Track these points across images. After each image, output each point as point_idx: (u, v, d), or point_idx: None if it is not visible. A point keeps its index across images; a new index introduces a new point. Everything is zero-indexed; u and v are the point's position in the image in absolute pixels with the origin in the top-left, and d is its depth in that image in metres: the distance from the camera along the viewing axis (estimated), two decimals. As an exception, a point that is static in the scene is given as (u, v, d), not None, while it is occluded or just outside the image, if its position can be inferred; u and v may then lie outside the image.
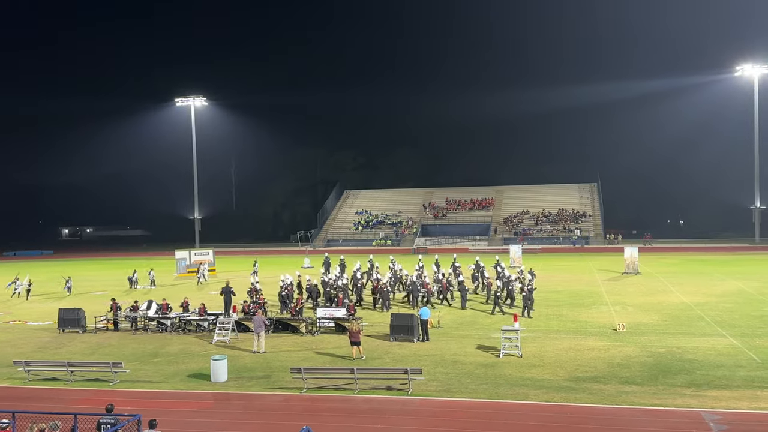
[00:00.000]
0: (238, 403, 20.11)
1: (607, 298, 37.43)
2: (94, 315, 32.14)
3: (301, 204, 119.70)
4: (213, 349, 26.60)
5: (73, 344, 28.71)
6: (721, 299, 36.38)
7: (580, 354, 24.48)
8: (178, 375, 23.07)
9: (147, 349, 27.17)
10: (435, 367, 23.01)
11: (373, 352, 25.44)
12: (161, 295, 37.52)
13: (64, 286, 45.47)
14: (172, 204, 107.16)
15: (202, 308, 31.08)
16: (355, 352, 24.64)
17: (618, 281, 45.46)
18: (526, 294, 32.41)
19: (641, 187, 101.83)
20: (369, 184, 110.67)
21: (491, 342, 26.48)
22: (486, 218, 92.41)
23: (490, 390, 20.34)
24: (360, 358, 24.36)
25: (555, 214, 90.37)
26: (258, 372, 23.13)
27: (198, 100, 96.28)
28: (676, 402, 18.73)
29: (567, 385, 20.58)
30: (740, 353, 24.01)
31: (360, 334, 25.01)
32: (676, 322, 30.31)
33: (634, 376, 21.48)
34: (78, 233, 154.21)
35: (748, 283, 42.82)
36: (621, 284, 43.68)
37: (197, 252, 58.99)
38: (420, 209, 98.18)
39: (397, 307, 34.54)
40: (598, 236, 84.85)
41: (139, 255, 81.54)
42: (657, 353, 24.27)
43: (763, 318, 30.69)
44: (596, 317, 31.73)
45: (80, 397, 20.83)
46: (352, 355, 24.62)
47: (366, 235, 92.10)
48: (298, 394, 20.47)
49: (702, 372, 21.67)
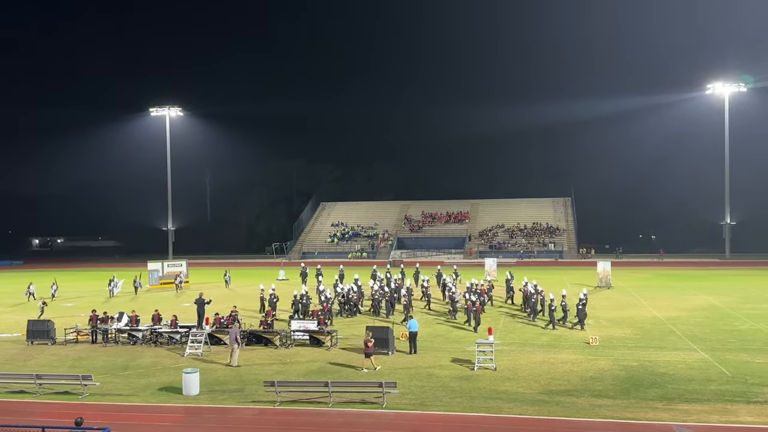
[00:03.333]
0: (210, 417, 19.86)
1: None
2: (64, 327, 31.63)
3: (277, 216, 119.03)
4: (185, 362, 26.28)
5: (42, 356, 28.19)
6: (692, 314, 36.83)
7: (554, 367, 24.60)
8: (149, 388, 22.74)
9: (117, 362, 26.76)
10: (410, 380, 22.97)
11: (347, 366, 25.31)
12: (140, 305, 37.10)
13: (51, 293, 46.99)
14: (145, 215, 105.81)
15: (174, 320, 30.71)
16: (367, 364, 24.59)
17: (591, 295, 45.76)
18: (580, 308, 32.64)
19: (614, 203, 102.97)
20: (345, 197, 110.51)
21: (466, 355, 26.51)
22: (462, 231, 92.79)
23: (465, 403, 20.33)
24: (373, 370, 24.34)
25: (530, 228, 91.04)
26: (231, 385, 22.89)
27: (173, 110, 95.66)
28: (647, 415, 18.88)
29: (541, 399, 20.65)
30: (711, 367, 24.30)
31: (370, 347, 24.86)
32: (648, 336, 30.61)
33: (606, 389, 21.62)
34: (48, 244, 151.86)
35: (719, 297, 43.42)
36: (594, 298, 43.99)
37: (170, 263, 58.37)
38: (396, 222, 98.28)
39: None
40: (571, 250, 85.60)
41: (110, 266, 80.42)
42: (629, 367, 24.47)
43: (733, 332, 31.12)
44: (569, 331, 31.92)
45: (49, 410, 20.44)
46: (362, 367, 24.54)
47: (342, 248, 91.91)
48: (272, 408, 20.28)
49: (673, 386, 21.89)
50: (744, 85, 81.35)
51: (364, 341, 24.99)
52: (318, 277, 47.14)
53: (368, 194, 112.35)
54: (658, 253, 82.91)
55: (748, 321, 34.12)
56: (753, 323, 33.42)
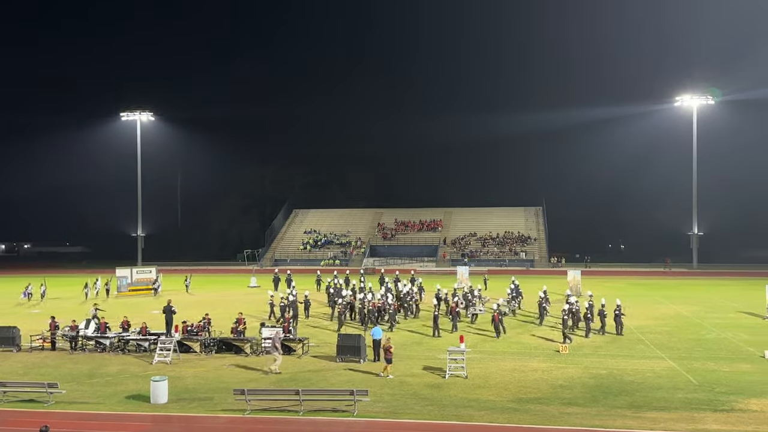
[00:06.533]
0: (179, 426, 19.60)
1: (551, 320, 37.91)
2: (30, 333, 31.02)
3: (249, 222, 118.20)
4: (153, 370, 25.93)
5: (7, 363, 27.60)
6: (660, 322, 37.31)
7: (524, 375, 24.73)
8: (116, 396, 22.39)
9: (84, 370, 26.32)
10: (381, 388, 22.92)
11: (318, 373, 25.19)
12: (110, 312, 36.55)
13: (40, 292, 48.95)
14: (114, 220, 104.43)
15: (144, 328, 30.29)
16: (384, 370, 24.63)
17: (561, 303, 46.05)
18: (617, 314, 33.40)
19: (584, 212, 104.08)
20: (318, 204, 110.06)
21: (437, 363, 26.54)
22: (434, 239, 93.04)
23: (436, 411, 20.34)
24: (387, 377, 24.36)
25: (501, 236, 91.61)
26: (200, 393, 22.63)
27: (144, 115, 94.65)
28: (616, 423, 19.05)
29: (511, 407, 20.74)
30: (678, 375, 24.63)
31: (391, 353, 24.86)
32: (617, 344, 30.94)
33: (576, 397, 21.79)
34: (15, 249, 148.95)
35: (687, 307, 44.06)
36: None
37: (139, 270, 57.64)
38: (369, 229, 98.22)
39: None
40: (542, 259, 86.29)
41: (78, 272, 79.10)
42: (598, 375, 24.70)
43: (700, 341, 31.59)
44: (540, 339, 32.13)
45: (13, 418, 20.03)
46: (382, 372, 24.65)
47: (314, 255, 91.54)
48: (241, 416, 20.09)
49: (641, 394, 22.13)
50: (712, 97, 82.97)
51: (384, 347, 25.08)
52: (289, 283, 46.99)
53: (341, 201, 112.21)
54: (664, 263, 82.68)
55: (715, 330, 34.67)
56: (720, 332, 33.96)
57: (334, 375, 25.03)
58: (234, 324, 30.25)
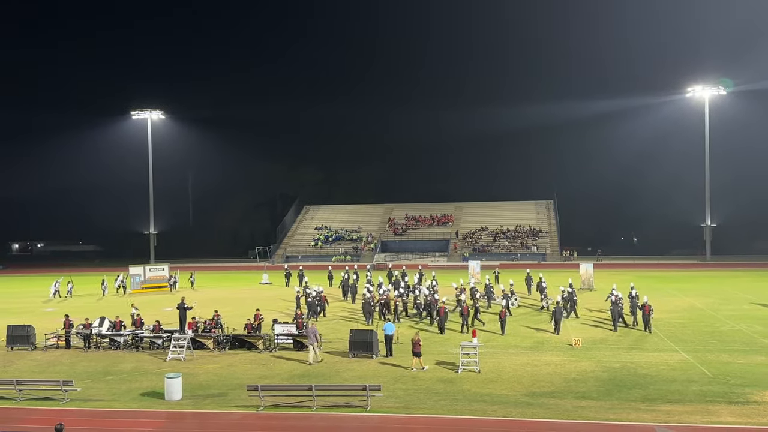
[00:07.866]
0: (193, 422, 19.72)
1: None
2: (44, 332, 31.26)
3: (260, 219, 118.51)
4: (167, 367, 26.07)
5: (22, 362, 27.85)
6: (673, 315, 37.15)
7: (537, 369, 24.68)
8: (130, 393, 22.53)
9: (99, 367, 26.49)
10: (394, 383, 22.94)
11: (331, 369, 25.26)
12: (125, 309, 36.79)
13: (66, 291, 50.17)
14: (126, 219, 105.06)
15: (157, 325, 30.46)
16: (416, 363, 24.75)
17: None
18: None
19: (596, 205, 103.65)
20: (329, 200, 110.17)
21: (450, 358, 26.53)
22: (445, 234, 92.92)
23: (449, 406, 20.34)
24: (422, 369, 24.49)
25: (512, 230, 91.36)
26: (214, 390, 22.74)
27: (155, 113, 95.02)
28: (630, 416, 18.99)
29: (524, 401, 20.71)
30: (692, 368, 24.50)
31: (420, 345, 25.00)
32: (630, 337, 30.82)
33: (589, 391, 21.73)
34: (29, 248, 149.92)
35: (700, 299, 43.83)
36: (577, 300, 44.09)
37: (152, 268, 57.92)
38: (380, 225, 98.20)
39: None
40: (554, 252, 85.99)
41: (92, 270, 79.63)
42: (612, 368, 24.62)
43: (713, 333, 31.42)
44: (553, 333, 32.02)
45: (29, 416, 20.20)
46: (411, 366, 24.77)
47: (325, 251, 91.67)
48: (255, 413, 20.17)
49: (655, 387, 22.04)
50: (724, 88, 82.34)
51: (413, 341, 25.16)
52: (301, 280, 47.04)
53: (352, 197, 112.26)
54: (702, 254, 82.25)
55: (729, 322, 34.47)
56: (733, 324, 33.77)
57: (347, 370, 25.08)
58: (248, 321, 30.26)
